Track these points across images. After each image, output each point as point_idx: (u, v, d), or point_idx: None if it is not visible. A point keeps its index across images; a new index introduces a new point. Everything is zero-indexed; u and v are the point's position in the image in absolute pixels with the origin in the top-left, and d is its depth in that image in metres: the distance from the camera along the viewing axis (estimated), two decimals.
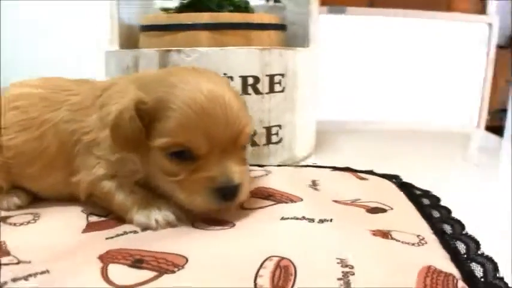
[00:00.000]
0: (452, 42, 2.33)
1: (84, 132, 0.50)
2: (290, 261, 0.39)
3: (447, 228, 0.50)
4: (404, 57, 2.25)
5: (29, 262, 0.41)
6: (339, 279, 0.36)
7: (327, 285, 0.35)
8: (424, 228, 0.48)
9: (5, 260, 0.41)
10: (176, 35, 0.76)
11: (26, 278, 0.37)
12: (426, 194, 0.60)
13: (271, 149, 0.76)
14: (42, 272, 0.38)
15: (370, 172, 0.68)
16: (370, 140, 1.06)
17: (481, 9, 2.46)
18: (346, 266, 0.38)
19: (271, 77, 0.72)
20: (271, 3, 0.96)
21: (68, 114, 0.51)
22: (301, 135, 0.81)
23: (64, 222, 0.49)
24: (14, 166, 0.53)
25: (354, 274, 0.37)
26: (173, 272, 0.38)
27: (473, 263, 0.42)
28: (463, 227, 0.50)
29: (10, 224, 0.49)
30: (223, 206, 0.46)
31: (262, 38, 0.79)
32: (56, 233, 0.47)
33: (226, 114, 0.45)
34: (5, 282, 0.37)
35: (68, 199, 0.54)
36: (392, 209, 0.53)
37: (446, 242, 0.45)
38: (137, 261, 0.39)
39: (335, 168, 0.69)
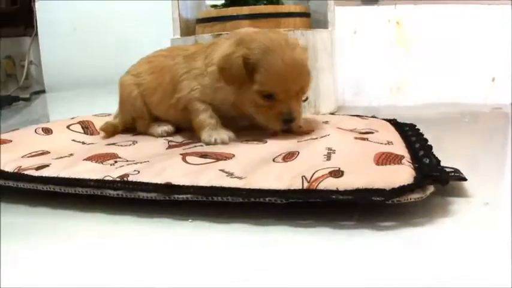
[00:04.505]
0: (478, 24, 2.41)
1: (193, 68, 0.76)
2: (297, 152, 0.62)
3: (417, 145, 0.70)
4: (435, 41, 2.37)
5: (133, 160, 0.66)
6: (324, 155, 0.59)
7: (318, 158, 0.58)
8: (396, 139, 0.69)
9: (118, 159, 0.67)
10: (225, 24, 1.01)
11: (135, 163, 0.63)
12: (412, 127, 0.80)
13: None
14: (144, 162, 0.63)
15: (373, 117, 0.89)
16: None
17: None
18: (331, 150, 0.60)
19: None
20: None
21: (182, 60, 0.78)
22: (324, 97, 1.04)
23: (154, 145, 0.75)
24: (145, 96, 0.83)
25: (334, 153, 0.59)
26: (225, 160, 0.62)
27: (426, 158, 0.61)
28: (430, 148, 0.66)
29: (118, 145, 0.76)
30: (285, 127, 0.72)
31: (289, 23, 1.02)
32: (149, 149, 0.72)
33: (296, 76, 0.70)
34: (122, 166, 0.62)
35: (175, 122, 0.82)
36: (378, 131, 0.74)
37: (411, 145, 0.66)
38: (203, 155, 0.64)
39: (347, 115, 0.91)
